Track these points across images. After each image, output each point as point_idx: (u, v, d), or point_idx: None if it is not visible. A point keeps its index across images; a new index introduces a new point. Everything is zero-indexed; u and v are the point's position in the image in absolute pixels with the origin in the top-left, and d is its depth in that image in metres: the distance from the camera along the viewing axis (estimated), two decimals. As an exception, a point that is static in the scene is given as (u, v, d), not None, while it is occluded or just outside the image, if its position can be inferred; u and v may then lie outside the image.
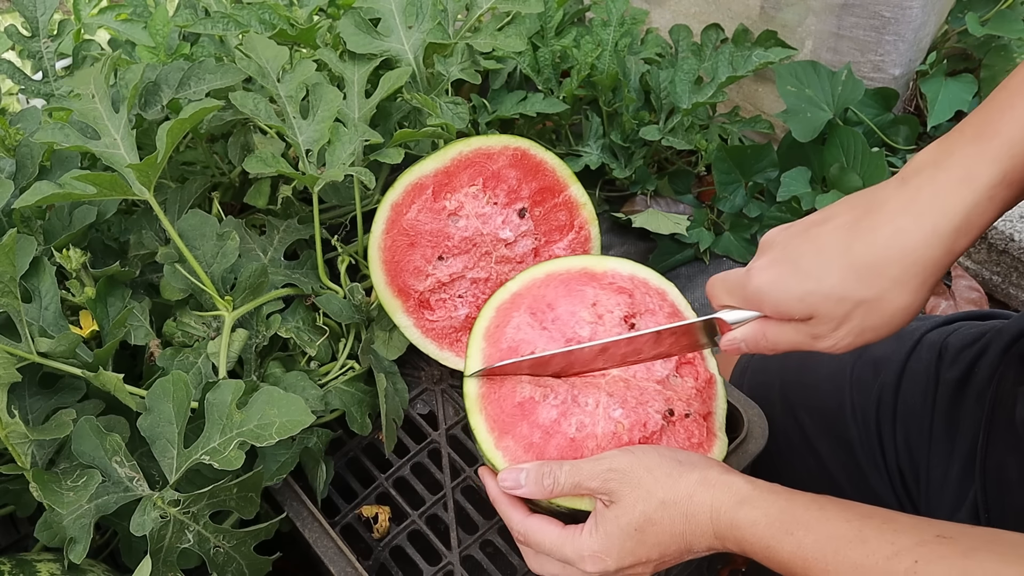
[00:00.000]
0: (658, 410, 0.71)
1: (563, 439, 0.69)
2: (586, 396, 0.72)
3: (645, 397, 0.72)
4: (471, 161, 0.85)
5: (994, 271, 1.31)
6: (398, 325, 0.85)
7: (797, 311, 0.57)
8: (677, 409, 0.72)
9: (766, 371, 0.92)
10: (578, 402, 0.71)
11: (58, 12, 1.58)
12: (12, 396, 0.70)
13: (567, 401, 0.71)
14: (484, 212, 0.85)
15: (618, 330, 0.74)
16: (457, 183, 0.85)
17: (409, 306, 0.85)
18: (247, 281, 0.79)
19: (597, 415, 0.70)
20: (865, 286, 0.54)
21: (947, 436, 0.74)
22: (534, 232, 0.87)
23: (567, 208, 0.87)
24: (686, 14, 1.51)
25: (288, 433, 0.64)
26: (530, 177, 0.86)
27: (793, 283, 0.56)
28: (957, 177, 0.53)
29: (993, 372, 0.73)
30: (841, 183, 1.31)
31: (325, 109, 0.85)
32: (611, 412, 0.71)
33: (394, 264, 0.84)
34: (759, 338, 0.60)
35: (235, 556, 0.67)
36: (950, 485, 0.72)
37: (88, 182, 0.70)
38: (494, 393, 0.72)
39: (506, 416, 0.71)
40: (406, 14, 0.96)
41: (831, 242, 0.56)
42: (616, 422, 0.70)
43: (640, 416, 0.70)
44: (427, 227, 0.84)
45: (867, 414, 0.80)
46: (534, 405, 0.71)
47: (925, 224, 0.53)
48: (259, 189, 0.97)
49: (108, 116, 0.78)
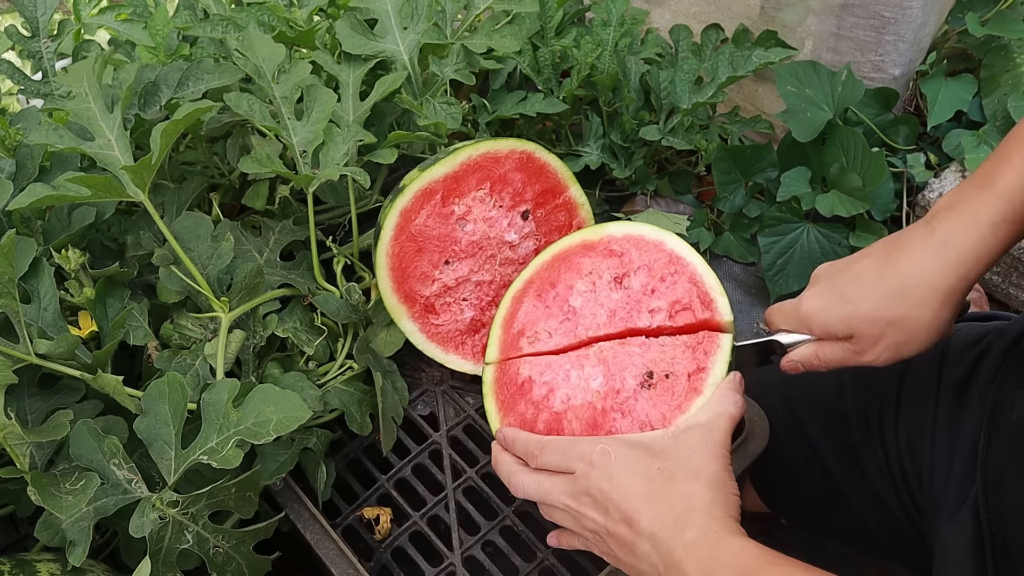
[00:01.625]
0: (635, 375, 0.72)
1: (549, 413, 0.72)
2: (577, 368, 0.74)
3: (626, 362, 0.73)
4: (479, 165, 0.84)
5: (994, 271, 1.31)
6: (404, 331, 0.85)
7: (840, 331, 0.68)
8: (657, 370, 0.72)
9: (767, 371, 0.91)
10: (568, 376, 0.74)
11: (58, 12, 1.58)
12: (10, 397, 0.70)
13: (558, 376, 0.74)
14: (491, 216, 0.85)
15: (607, 293, 0.76)
16: (466, 187, 0.84)
17: (415, 311, 0.85)
18: (243, 282, 0.79)
19: (579, 387, 0.73)
20: (894, 307, 0.65)
21: (949, 436, 0.74)
22: (536, 233, 0.87)
23: (567, 209, 0.88)
24: (686, 14, 1.51)
25: (285, 430, 0.64)
26: (534, 179, 0.86)
27: (837, 307, 0.67)
28: (966, 217, 0.64)
29: (995, 373, 0.73)
30: (841, 183, 1.31)
31: (319, 110, 0.85)
32: (591, 383, 0.73)
33: (401, 271, 0.84)
34: (812, 357, 0.70)
35: (234, 556, 0.67)
36: (951, 485, 0.72)
37: (83, 184, 0.70)
38: (503, 376, 0.76)
39: (509, 396, 0.75)
40: (402, 15, 0.96)
41: (867, 273, 0.68)
42: (593, 392, 0.72)
43: (615, 383, 0.72)
44: (435, 232, 0.84)
45: (869, 414, 0.80)
46: (531, 383, 0.74)
47: (940, 255, 0.65)
48: (257, 190, 0.97)
49: (102, 116, 0.78)
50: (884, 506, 0.79)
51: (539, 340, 0.77)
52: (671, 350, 0.73)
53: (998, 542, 0.66)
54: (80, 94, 0.78)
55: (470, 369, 0.86)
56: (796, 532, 1.12)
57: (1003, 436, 0.69)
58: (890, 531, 0.81)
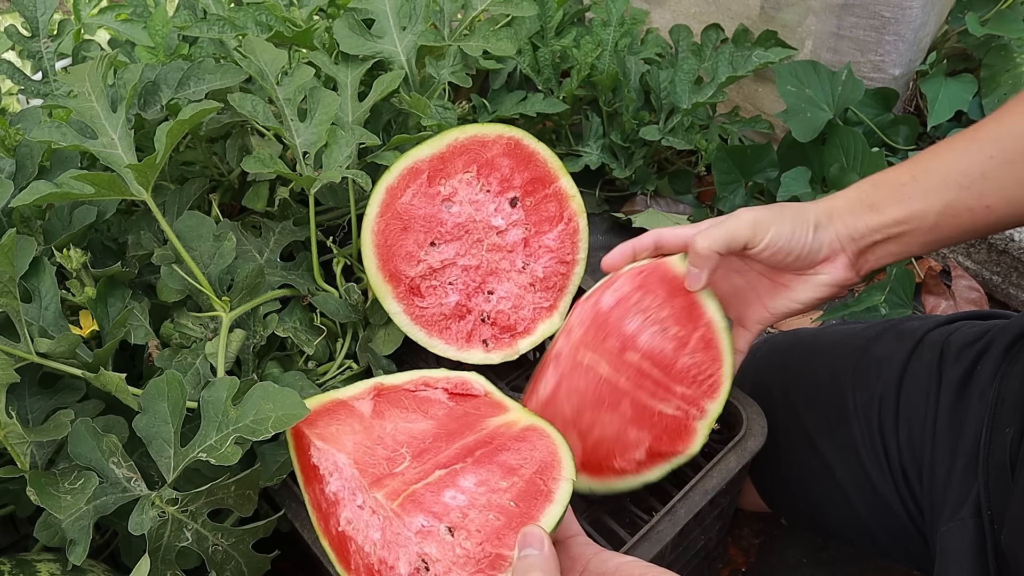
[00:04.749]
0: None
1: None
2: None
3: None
4: (466, 148, 0.85)
5: (994, 271, 1.31)
6: (388, 311, 0.84)
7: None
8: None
9: (767, 371, 0.92)
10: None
11: (58, 12, 1.58)
12: (11, 396, 0.70)
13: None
14: (477, 199, 0.85)
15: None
16: (452, 169, 0.85)
17: (400, 292, 0.84)
18: (244, 281, 0.79)
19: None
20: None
21: (950, 435, 0.74)
22: (525, 222, 0.87)
23: (557, 199, 0.87)
24: (686, 14, 1.51)
25: (284, 427, 0.64)
26: (522, 167, 0.86)
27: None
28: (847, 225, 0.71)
29: (995, 370, 0.73)
30: (841, 183, 1.31)
31: (323, 112, 0.85)
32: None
33: (387, 248, 0.83)
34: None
35: (233, 554, 0.67)
36: (953, 484, 0.72)
37: (86, 182, 0.70)
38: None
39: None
40: (400, 15, 0.96)
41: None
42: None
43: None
44: (421, 211, 0.84)
45: (869, 413, 0.80)
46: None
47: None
48: (257, 191, 0.97)
49: (105, 116, 0.78)
50: (885, 505, 0.79)
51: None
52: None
53: (1000, 540, 0.66)
54: (83, 93, 0.78)
55: (453, 355, 0.86)
56: (796, 532, 1.12)
57: (1005, 434, 0.69)
58: (891, 530, 0.81)
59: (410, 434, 0.65)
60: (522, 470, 0.59)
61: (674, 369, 0.72)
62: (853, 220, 0.69)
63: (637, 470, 0.73)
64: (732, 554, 1.10)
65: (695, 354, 0.72)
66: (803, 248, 0.69)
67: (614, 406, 0.72)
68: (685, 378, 0.73)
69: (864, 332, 0.87)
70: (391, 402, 0.69)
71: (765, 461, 0.80)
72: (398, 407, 0.69)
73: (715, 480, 0.73)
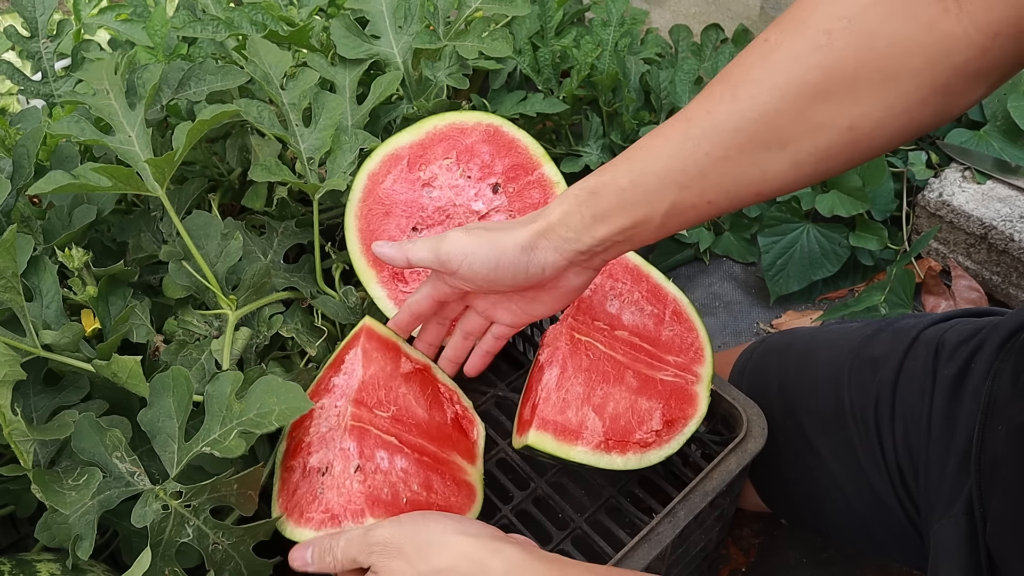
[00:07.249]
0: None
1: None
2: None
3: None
4: (445, 135, 0.86)
5: (994, 271, 1.31)
6: (372, 296, 0.84)
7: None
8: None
9: (764, 371, 0.92)
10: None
11: (58, 12, 1.58)
12: (16, 394, 0.70)
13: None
14: (457, 184, 0.86)
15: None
16: (431, 155, 0.86)
17: (383, 277, 0.84)
18: (251, 280, 0.79)
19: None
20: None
21: (944, 432, 0.74)
22: (508, 208, 0.87)
23: (541, 186, 0.87)
24: (686, 14, 1.52)
25: (288, 420, 0.64)
26: (503, 153, 0.87)
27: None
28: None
29: (989, 368, 0.73)
30: (841, 183, 1.31)
31: (327, 117, 0.86)
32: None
33: (369, 233, 0.84)
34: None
35: (233, 555, 0.67)
36: (947, 481, 0.72)
37: (105, 174, 0.71)
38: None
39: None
40: (396, 15, 0.97)
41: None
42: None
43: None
44: (402, 197, 0.85)
45: (866, 412, 0.80)
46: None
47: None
48: (256, 191, 0.97)
49: (123, 112, 0.79)
50: (883, 505, 0.80)
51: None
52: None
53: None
54: (101, 90, 0.80)
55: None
56: (796, 532, 1.12)
57: (997, 431, 0.69)
58: (889, 530, 0.81)
59: (407, 409, 0.77)
60: (436, 496, 0.72)
61: (660, 341, 0.80)
62: (577, 235, 0.66)
63: (658, 441, 0.75)
64: (732, 554, 1.10)
65: (673, 327, 0.81)
66: (516, 272, 0.68)
67: (620, 379, 0.76)
68: (672, 348, 0.80)
69: (860, 331, 0.87)
70: (416, 380, 0.80)
71: (764, 461, 0.80)
72: (417, 389, 0.79)
73: (715, 482, 0.73)
